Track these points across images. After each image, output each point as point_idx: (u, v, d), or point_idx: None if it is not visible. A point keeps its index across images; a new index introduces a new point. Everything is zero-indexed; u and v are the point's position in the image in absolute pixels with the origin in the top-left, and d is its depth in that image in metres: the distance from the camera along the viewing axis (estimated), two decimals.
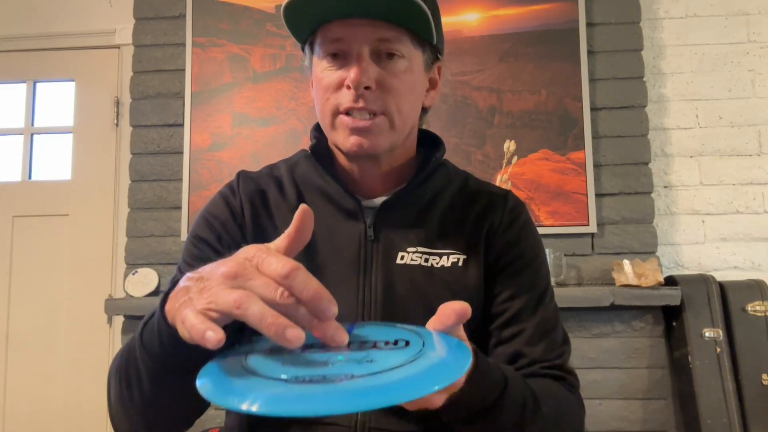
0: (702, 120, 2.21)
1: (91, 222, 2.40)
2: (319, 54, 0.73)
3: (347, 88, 0.69)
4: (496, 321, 0.76)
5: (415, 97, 0.75)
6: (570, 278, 2.06)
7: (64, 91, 2.51)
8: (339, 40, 0.70)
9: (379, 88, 0.70)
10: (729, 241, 2.15)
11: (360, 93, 0.69)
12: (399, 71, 0.71)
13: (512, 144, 2.12)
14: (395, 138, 0.74)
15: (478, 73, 2.14)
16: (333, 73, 0.71)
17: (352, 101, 0.69)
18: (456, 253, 0.76)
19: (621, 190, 2.10)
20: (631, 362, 1.94)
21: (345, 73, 0.70)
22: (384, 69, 0.71)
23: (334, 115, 0.72)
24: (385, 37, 0.70)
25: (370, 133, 0.71)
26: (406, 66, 0.72)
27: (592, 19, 2.16)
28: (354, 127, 0.70)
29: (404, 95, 0.72)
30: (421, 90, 0.77)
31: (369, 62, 0.70)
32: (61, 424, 2.32)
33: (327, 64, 0.72)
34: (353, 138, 0.71)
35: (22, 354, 2.36)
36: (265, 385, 0.41)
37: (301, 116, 2.19)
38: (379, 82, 0.70)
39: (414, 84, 0.74)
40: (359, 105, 0.69)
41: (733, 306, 1.91)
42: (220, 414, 1.93)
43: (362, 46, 0.69)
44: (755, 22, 2.23)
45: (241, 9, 2.25)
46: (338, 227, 0.77)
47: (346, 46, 0.70)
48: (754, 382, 1.84)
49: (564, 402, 0.72)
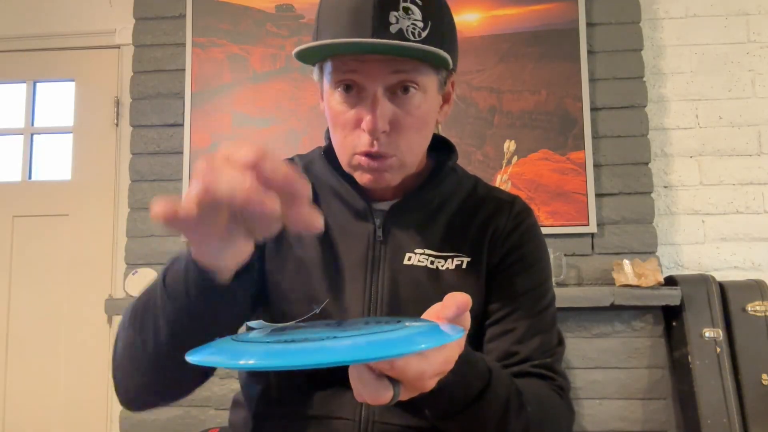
0: (702, 120, 2.21)
1: (91, 222, 2.40)
2: (330, 82, 0.72)
3: (362, 131, 0.70)
4: (491, 317, 0.77)
5: (428, 128, 0.76)
6: (570, 278, 2.06)
7: (64, 91, 2.51)
8: (353, 71, 0.69)
9: (393, 130, 0.71)
10: (729, 241, 2.15)
11: (376, 137, 0.70)
12: (413, 107, 0.71)
13: (512, 144, 2.12)
14: (406, 172, 0.76)
15: (478, 73, 2.14)
16: (348, 111, 0.71)
17: (368, 146, 0.70)
18: (460, 256, 0.78)
19: (621, 190, 2.10)
20: (631, 362, 1.94)
21: (360, 112, 0.70)
22: (398, 106, 0.70)
23: (350, 156, 0.73)
24: (400, 69, 0.69)
25: (383, 171, 0.73)
26: (421, 99, 0.72)
27: (592, 19, 2.16)
28: (369, 168, 0.72)
29: (418, 130, 0.74)
30: (434, 116, 0.77)
31: (384, 102, 0.69)
32: (61, 424, 2.32)
33: (340, 97, 0.72)
34: (367, 176, 0.73)
35: (22, 354, 2.36)
36: (258, 347, 0.43)
37: (301, 116, 2.19)
38: (393, 123, 0.71)
39: (428, 115, 0.74)
40: (374, 149, 0.70)
41: (733, 306, 1.91)
42: (220, 414, 1.93)
43: (377, 84, 0.69)
44: (755, 22, 2.23)
45: (241, 9, 2.25)
46: (349, 227, 0.79)
47: (361, 80, 0.69)
48: (754, 382, 1.84)
49: (550, 404, 0.72)
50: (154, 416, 2.06)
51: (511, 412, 0.63)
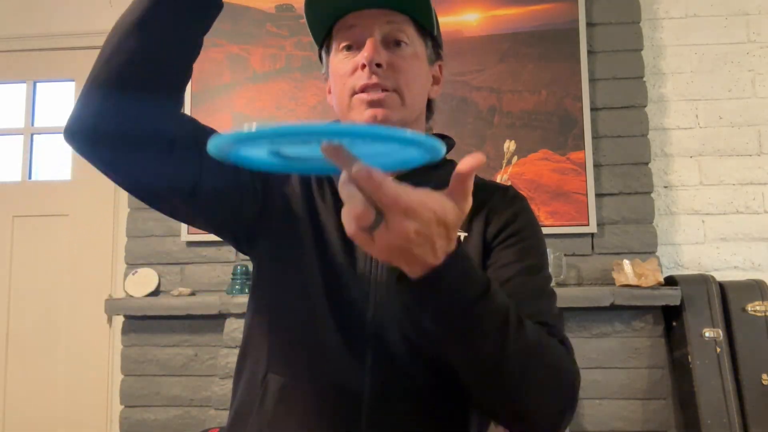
0: (702, 120, 2.21)
1: (91, 222, 2.40)
2: (335, 47, 0.80)
3: (361, 69, 0.76)
4: None
5: (423, 82, 0.81)
6: (570, 278, 2.06)
7: (64, 91, 2.51)
8: (352, 26, 0.78)
9: (390, 68, 0.76)
10: (729, 241, 2.15)
11: (373, 70, 0.75)
12: (407, 55, 0.78)
13: (512, 144, 2.12)
14: (406, 114, 0.78)
15: (478, 73, 2.14)
16: (349, 61, 0.78)
17: (366, 78, 0.75)
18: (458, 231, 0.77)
19: (621, 190, 2.10)
20: (631, 362, 1.93)
21: (359, 57, 0.77)
22: (393, 53, 0.77)
23: (350, 96, 0.77)
24: (392, 20, 0.77)
25: (384, 105, 0.76)
26: (413, 52, 0.79)
27: (592, 19, 2.16)
28: (369, 101, 0.75)
29: (413, 76, 0.79)
30: (427, 77, 0.83)
31: (380, 45, 0.76)
32: (61, 424, 2.32)
33: (343, 56, 0.79)
34: (369, 111, 0.76)
35: (22, 354, 2.36)
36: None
37: (301, 116, 2.19)
38: (389, 63, 0.76)
39: (421, 69, 0.81)
40: (373, 81, 0.75)
41: (733, 306, 1.91)
42: (220, 414, 1.93)
43: (373, 29, 0.77)
44: (755, 22, 2.23)
45: (241, 9, 2.25)
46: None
47: (359, 33, 0.77)
48: (754, 382, 1.84)
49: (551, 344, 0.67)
50: (154, 416, 2.06)
51: (511, 327, 0.59)
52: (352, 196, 0.47)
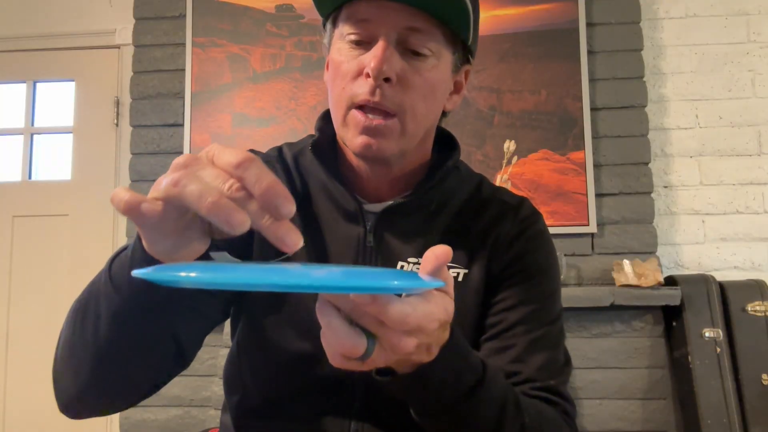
0: (702, 120, 2.21)
1: (91, 222, 2.40)
2: (341, 33, 0.66)
3: (365, 77, 0.63)
4: (489, 332, 0.70)
5: (436, 101, 0.69)
6: (570, 278, 2.06)
7: (64, 91, 2.51)
8: (366, 20, 0.63)
9: (399, 84, 0.63)
10: (729, 241, 2.15)
11: (378, 84, 0.62)
12: (424, 70, 0.65)
13: (512, 144, 2.12)
14: (405, 144, 0.68)
15: (478, 73, 2.14)
16: (353, 60, 0.65)
17: (368, 93, 0.63)
18: (456, 267, 0.71)
19: (621, 190, 2.10)
20: (631, 362, 1.93)
21: (365, 59, 0.63)
22: (408, 64, 0.64)
23: (347, 108, 0.65)
24: (416, 26, 0.63)
25: (380, 135, 0.65)
26: (433, 65, 0.65)
27: (592, 19, 2.16)
28: (365, 126, 0.64)
29: (424, 97, 0.66)
30: (443, 93, 0.71)
31: (393, 51, 0.63)
32: (61, 424, 2.31)
33: (348, 48, 0.65)
34: (362, 138, 0.65)
35: (22, 354, 2.36)
36: (212, 264, 0.39)
37: (301, 116, 2.19)
38: (400, 76, 0.63)
39: (437, 85, 0.68)
40: (375, 99, 0.63)
41: (733, 306, 1.91)
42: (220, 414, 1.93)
43: (389, 30, 0.62)
44: (755, 22, 2.23)
45: (241, 9, 2.25)
46: (337, 228, 0.72)
47: (372, 29, 0.63)
48: (754, 382, 1.84)
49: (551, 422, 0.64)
50: (154, 416, 2.06)
51: (507, 419, 0.55)
52: (331, 326, 0.41)
